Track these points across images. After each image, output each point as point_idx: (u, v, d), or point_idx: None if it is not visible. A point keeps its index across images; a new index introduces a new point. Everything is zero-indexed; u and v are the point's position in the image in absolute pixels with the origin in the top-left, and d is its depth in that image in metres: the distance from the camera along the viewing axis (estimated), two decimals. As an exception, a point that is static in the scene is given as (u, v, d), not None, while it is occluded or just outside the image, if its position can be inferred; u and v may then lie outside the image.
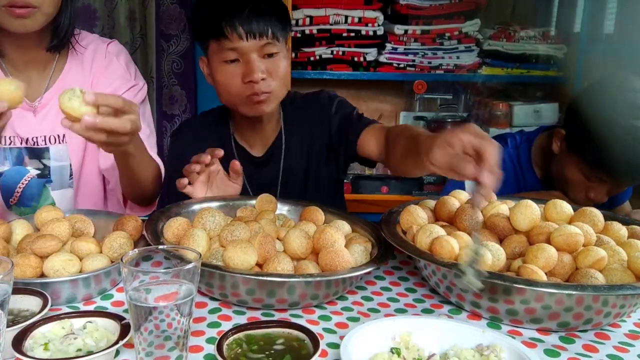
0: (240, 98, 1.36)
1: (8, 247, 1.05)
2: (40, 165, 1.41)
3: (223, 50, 1.34)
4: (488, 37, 2.83)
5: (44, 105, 1.39)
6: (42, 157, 1.40)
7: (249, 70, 1.32)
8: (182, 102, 3.24)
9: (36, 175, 1.40)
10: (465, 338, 0.85)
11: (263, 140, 1.51)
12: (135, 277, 0.76)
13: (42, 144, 1.39)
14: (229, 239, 1.04)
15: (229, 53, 1.33)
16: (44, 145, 1.39)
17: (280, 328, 0.86)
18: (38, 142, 1.39)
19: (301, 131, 1.52)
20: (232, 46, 1.32)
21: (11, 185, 1.39)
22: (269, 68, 1.35)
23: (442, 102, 3.01)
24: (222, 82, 1.37)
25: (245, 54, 1.33)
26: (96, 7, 2.94)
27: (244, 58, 1.33)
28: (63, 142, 1.41)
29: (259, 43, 1.32)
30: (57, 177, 1.42)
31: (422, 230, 1.06)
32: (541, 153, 1.68)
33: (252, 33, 1.31)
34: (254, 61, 1.32)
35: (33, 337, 0.81)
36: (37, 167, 1.41)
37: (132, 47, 3.04)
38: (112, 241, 1.06)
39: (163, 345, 0.76)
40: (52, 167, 1.41)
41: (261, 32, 1.32)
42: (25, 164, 1.40)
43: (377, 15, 2.74)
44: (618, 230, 1.09)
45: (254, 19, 1.32)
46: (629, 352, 0.91)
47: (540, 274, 0.94)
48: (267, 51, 1.34)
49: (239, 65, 1.34)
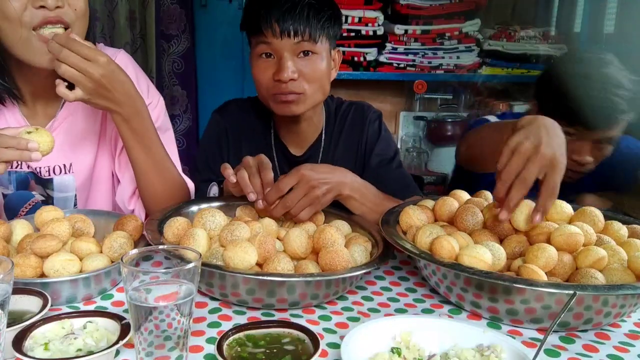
0: (268, 94, 1.36)
1: (8, 247, 1.05)
2: (45, 193, 1.37)
3: (258, 44, 1.34)
4: (488, 37, 2.83)
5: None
6: (46, 187, 1.36)
7: (279, 68, 1.32)
8: (183, 102, 3.24)
9: (40, 201, 1.36)
10: (465, 338, 0.85)
11: (302, 140, 1.50)
12: (136, 277, 0.76)
13: (46, 174, 1.34)
14: (229, 238, 1.04)
15: (263, 47, 1.33)
16: (48, 177, 1.34)
17: (280, 328, 0.86)
18: (41, 173, 1.34)
19: (341, 138, 1.52)
20: (266, 41, 1.32)
21: (15, 208, 1.35)
22: (302, 69, 1.33)
23: (442, 102, 3.01)
24: (255, 76, 1.37)
25: (278, 51, 1.32)
26: (96, 7, 2.95)
27: (277, 55, 1.33)
28: (70, 173, 1.36)
29: (292, 41, 1.31)
30: (60, 207, 1.31)
31: (422, 230, 1.06)
32: None
33: (287, 31, 1.30)
34: (285, 60, 1.31)
35: (33, 337, 0.81)
36: (42, 193, 1.36)
37: (132, 48, 3.04)
38: (112, 241, 1.05)
39: (163, 345, 0.76)
40: (55, 198, 1.36)
41: (296, 31, 1.30)
42: (31, 187, 1.35)
43: (377, 15, 2.74)
44: (618, 230, 1.09)
45: (291, 16, 1.29)
46: (629, 352, 0.91)
47: (541, 274, 0.94)
48: (301, 49, 1.32)
49: (273, 61, 1.34)
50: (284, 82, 1.31)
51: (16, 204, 1.35)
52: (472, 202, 1.18)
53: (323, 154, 1.51)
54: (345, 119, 1.53)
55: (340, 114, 1.54)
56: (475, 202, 1.18)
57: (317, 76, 1.35)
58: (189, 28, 3.16)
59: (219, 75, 3.35)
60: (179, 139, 3.31)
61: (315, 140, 1.51)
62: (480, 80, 2.85)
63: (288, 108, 1.36)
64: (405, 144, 3.04)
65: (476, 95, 2.96)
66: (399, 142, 3.05)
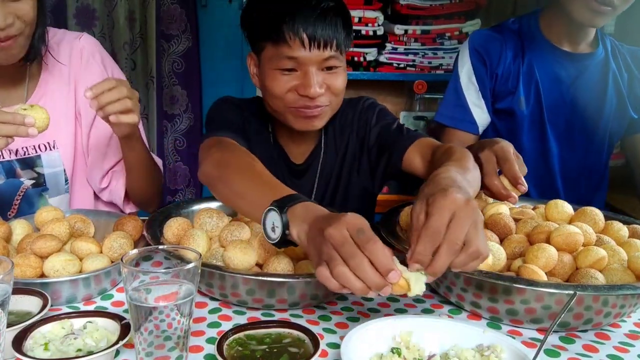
0: (291, 110, 1.25)
1: (8, 247, 1.05)
2: (34, 174, 1.38)
3: (280, 57, 1.20)
4: (488, 37, 2.82)
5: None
6: (34, 166, 1.37)
7: (306, 83, 1.20)
8: (183, 102, 3.24)
9: (31, 186, 1.38)
10: (465, 338, 0.85)
11: (302, 148, 1.41)
12: (135, 277, 0.76)
13: (33, 152, 1.37)
14: (229, 239, 1.04)
15: (287, 62, 1.20)
16: (35, 154, 1.37)
17: (280, 328, 0.86)
18: (29, 151, 1.36)
19: (338, 138, 1.42)
20: (292, 55, 1.18)
21: (8, 199, 1.37)
22: (328, 82, 1.23)
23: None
24: (273, 92, 1.24)
25: (305, 64, 1.19)
26: (96, 7, 2.94)
27: (302, 69, 1.20)
28: (55, 149, 1.39)
29: (322, 55, 1.19)
30: (52, 184, 1.40)
31: (422, 230, 1.05)
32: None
33: (317, 41, 1.17)
34: (312, 75, 1.19)
35: (33, 337, 0.81)
36: (31, 176, 1.38)
37: (131, 47, 3.04)
38: (112, 241, 1.06)
39: (163, 345, 0.76)
40: (46, 175, 1.39)
41: (326, 41, 1.18)
42: (18, 175, 1.37)
43: (377, 15, 2.74)
44: (618, 230, 1.09)
45: (321, 23, 1.17)
46: (629, 352, 0.91)
47: (540, 274, 0.94)
48: (329, 64, 1.21)
49: (294, 75, 1.21)
50: (312, 98, 1.21)
51: (9, 194, 1.37)
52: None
53: (322, 160, 1.42)
54: (342, 119, 1.44)
55: (338, 116, 1.43)
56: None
57: (341, 89, 1.27)
58: (189, 28, 3.16)
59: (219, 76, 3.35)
60: (179, 139, 3.31)
61: (315, 147, 1.42)
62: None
63: (310, 123, 1.27)
64: (405, 144, 3.04)
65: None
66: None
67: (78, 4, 2.94)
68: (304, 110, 1.24)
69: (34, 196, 1.39)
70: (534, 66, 1.65)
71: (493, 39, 1.67)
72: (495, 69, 1.65)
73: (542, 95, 1.64)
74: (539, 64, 1.65)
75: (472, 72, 1.67)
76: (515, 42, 1.66)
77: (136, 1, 3.01)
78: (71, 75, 1.41)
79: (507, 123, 1.69)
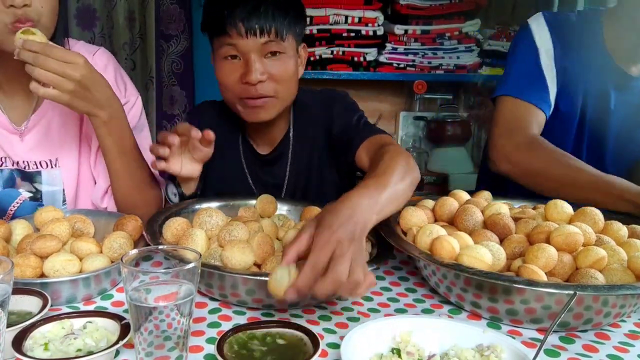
0: (237, 99, 1.31)
1: (8, 247, 1.05)
2: (33, 188, 1.35)
3: (222, 45, 1.28)
4: (488, 37, 2.83)
5: (30, 129, 1.32)
6: (34, 181, 1.35)
7: (246, 70, 1.26)
8: (182, 102, 3.24)
9: (28, 198, 1.35)
10: (465, 338, 0.85)
11: (270, 138, 1.45)
12: (135, 277, 0.76)
13: (34, 167, 1.34)
14: (227, 239, 1.04)
15: (228, 49, 1.27)
16: (36, 169, 1.34)
17: (280, 328, 0.86)
18: (30, 166, 1.33)
19: (307, 130, 1.45)
20: (231, 42, 1.26)
21: (3, 207, 1.35)
22: (271, 69, 1.27)
23: (442, 102, 3.01)
24: (220, 80, 1.31)
25: (245, 52, 1.26)
26: (96, 7, 2.95)
27: (244, 57, 1.26)
28: (56, 167, 1.35)
29: (259, 41, 1.25)
30: (49, 202, 1.36)
31: (422, 230, 1.06)
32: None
33: (252, 30, 1.24)
34: (253, 61, 1.25)
35: (33, 337, 0.81)
36: (29, 189, 1.35)
37: (131, 48, 3.05)
38: (112, 241, 1.05)
39: (163, 345, 0.76)
40: (44, 192, 1.35)
41: (262, 29, 1.24)
42: (17, 185, 1.34)
43: (377, 15, 2.74)
44: (618, 230, 1.09)
45: (256, 14, 1.24)
46: (629, 352, 0.91)
47: (540, 274, 0.94)
48: (269, 49, 1.26)
49: (239, 63, 1.28)
50: (252, 85, 1.26)
51: (4, 202, 1.35)
52: (472, 202, 1.19)
53: (292, 150, 1.45)
54: (311, 110, 1.46)
55: (308, 105, 1.46)
56: (475, 202, 1.18)
57: (286, 76, 1.30)
58: (188, 28, 3.16)
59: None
60: (178, 139, 3.31)
61: (283, 138, 1.44)
62: (480, 80, 2.85)
63: (256, 114, 1.31)
64: (405, 144, 3.04)
65: (476, 95, 2.96)
66: (398, 142, 3.05)
67: (79, 4, 2.94)
68: (248, 100, 1.29)
69: (30, 208, 1.35)
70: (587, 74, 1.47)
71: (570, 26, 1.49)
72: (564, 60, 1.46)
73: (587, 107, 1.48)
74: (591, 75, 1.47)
75: (552, 52, 1.47)
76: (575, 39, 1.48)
77: (136, 1, 3.01)
78: None
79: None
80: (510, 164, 1.40)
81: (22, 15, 1.13)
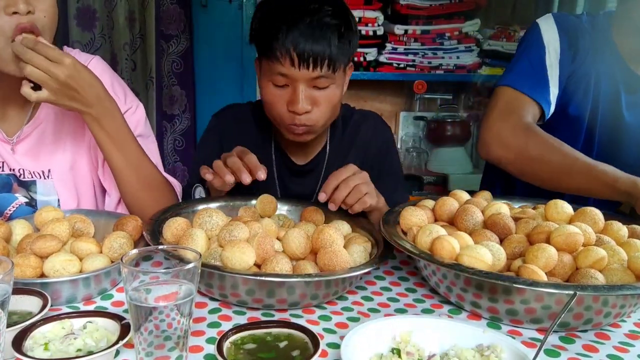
0: (281, 122, 1.31)
1: (8, 247, 1.05)
2: (28, 196, 1.34)
3: (273, 73, 1.25)
4: (488, 37, 2.83)
5: (22, 139, 1.31)
6: (29, 190, 1.34)
7: (294, 99, 1.24)
8: (182, 102, 3.24)
9: (24, 204, 1.34)
10: (465, 338, 0.85)
11: (306, 150, 1.45)
12: (135, 277, 0.76)
13: (29, 177, 1.33)
14: (227, 239, 1.04)
15: (278, 78, 1.25)
16: (31, 179, 1.33)
17: (280, 328, 0.86)
18: (25, 175, 1.33)
19: (344, 146, 1.47)
20: (283, 72, 1.23)
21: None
22: (317, 99, 1.26)
23: (442, 102, 3.01)
24: (266, 101, 1.31)
25: (294, 81, 1.24)
26: (96, 7, 2.95)
27: (292, 85, 1.25)
28: (49, 178, 1.34)
29: (311, 74, 1.22)
30: None
31: (422, 230, 1.06)
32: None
33: (305, 61, 1.20)
34: (300, 92, 1.24)
35: (33, 337, 0.81)
36: (25, 196, 1.35)
37: (131, 48, 3.05)
38: (112, 241, 1.05)
39: (163, 345, 0.76)
40: (38, 201, 1.34)
41: (315, 60, 1.20)
42: (14, 190, 1.33)
43: (377, 15, 2.74)
44: (618, 230, 1.09)
45: (310, 40, 1.19)
46: (629, 352, 0.91)
47: (540, 274, 0.94)
48: (318, 85, 1.24)
49: (286, 90, 1.26)
50: (298, 114, 1.26)
51: (0, 206, 1.33)
52: (472, 202, 1.18)
53: (328, 164, 1.46)
54: (357, 131, 1.48)
55: (351, 125, 1.48)
56: (475, 202, 1.18)
57: (331, 106, 1.29)
58: (188, 28, 3.16)
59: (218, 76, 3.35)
60: (178, 139, 3.31)
61: (321, 150, 1.46)
62: (480, 80, 2.85)
63: (299, 137, 1.32)
64: (405, 144, 3.04)
65: (476, 95, 2.96)
66: (398, 142, 3.05)
67: (79, 5, 2.94)
68: (292, 127, 1.29)
69: (26, 213, 1.33)
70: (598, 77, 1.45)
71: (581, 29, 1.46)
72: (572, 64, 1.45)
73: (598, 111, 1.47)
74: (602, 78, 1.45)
75: (558, 53, 1.45)
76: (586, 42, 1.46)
77: (136, 1, 3.01)
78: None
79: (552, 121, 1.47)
80: (504, 148, 1.38)
81: (25, 22, 1.13)
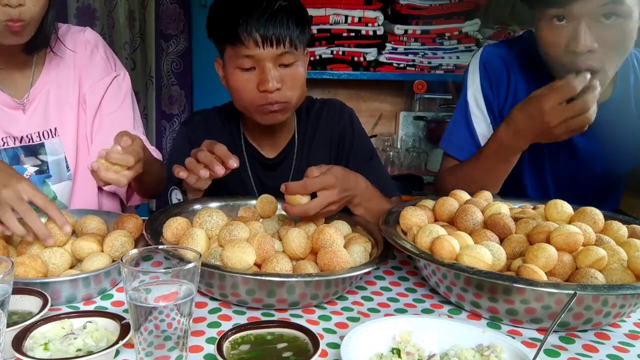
0: (254, 106, 1.35)
1: (8, 247, 1.05)
2: (38, 161, 1.41)
3: (238, 57, 1.31)
4: (488, 37, 2.83)
5: (31, 101, 1.39)
6: (38, 153, 1.40)
7: (263, 79, 1.30)
8: (181, 102, 3.24)
9: (34, 173, 1.40)
10: (465, 338, 0.85)
11: (275, 142, 1.50)
12: (135, 277, 0.76)
13: (37, 139, 1.40)
14: (228, 238, 1.04)
15: (245, 61, 1.30)
16: (39, 141, 1.40)
17: (280, 328, 0.86)
18: (33, 139, 1.39)
19: (312, 136, 1.51)
20: (248, 53, 1.29)
21: None
22: (285, 77, 1.32)
23: (442, 102, 3.01)
24: (236, 89, 1.35)
25: (261, 61, 1.30)
26: (96, 7, 2.94)
27: (260, 65, 1.30)
28: (56, 136, 1.42)
29: (276, 52, 1.29)
30: (55, 171, 1.43)
31: (422, 230, 1.06)
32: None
33: (269, 40, 1.27)
34: (269, 70, 1.29)
35: (33, 337, 0.81)
36: (35, 163, 1.41)
37: (131, 47, 3.04)
38: (113, 240, 1.06)
39: (163, 345, 0.76)
40: (49, 162, 1.41)
41: (278, 39, 1.28)
42: (22, 162, 1.39)
43: (377, 15, 2.74)
44: (618, 229, 1.09)
45: (272, 23, 1.27)
46: (629, 352, 0.91)
47: (540, 274, 0.94)
48: (284, 61, 1.31)
49: (254, 73, 1.31)
50: (270, 92, 1.30)
51: None
52: (472, 202, 1.18)
53: (297, 155, 1.50)
54: (319, 118, 1.53)
55: (313, 113, 1.53)
56: (475, 202, 1.18)
57: (299, 83, 1.35)
58: (187, 28, 3.16)
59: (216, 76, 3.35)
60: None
61: (289, 142, 1.51)
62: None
63: (274, 117, 1.36)
64: (405, 144, 3.04)
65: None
66: (398, 142, 3.05)
67: (79, 4, 2.93)
68: (266, 106, 1.33)
69: (37, 183, 1.40)
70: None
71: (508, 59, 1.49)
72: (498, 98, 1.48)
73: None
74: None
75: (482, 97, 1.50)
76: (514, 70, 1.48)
77: (136, 1, 3.00)
78: (76, 64, 1.44)
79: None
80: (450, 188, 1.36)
81: (15, 14, 1.17)
